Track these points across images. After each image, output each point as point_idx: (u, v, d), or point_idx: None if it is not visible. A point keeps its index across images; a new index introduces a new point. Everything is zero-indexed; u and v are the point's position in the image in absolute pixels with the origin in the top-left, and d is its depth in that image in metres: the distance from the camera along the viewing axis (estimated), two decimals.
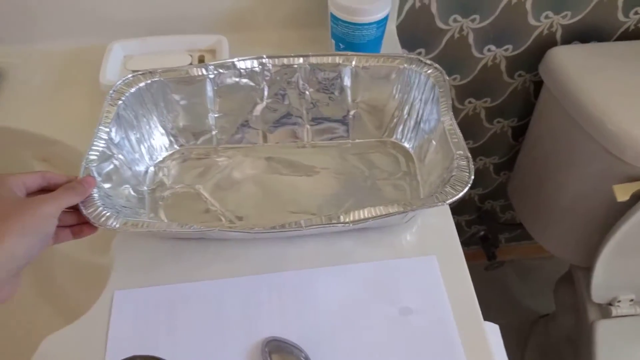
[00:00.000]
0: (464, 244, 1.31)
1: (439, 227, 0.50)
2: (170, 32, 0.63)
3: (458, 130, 0.46)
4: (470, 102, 0.88)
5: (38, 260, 0.59)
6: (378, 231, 0.49)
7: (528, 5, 0.72)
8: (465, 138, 0.98)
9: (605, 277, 0.85)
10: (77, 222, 0.43)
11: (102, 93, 0.49)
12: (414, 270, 0.46)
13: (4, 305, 0.57)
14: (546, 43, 0.78)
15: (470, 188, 1.09)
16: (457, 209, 1.17)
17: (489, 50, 0.79)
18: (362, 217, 0.41)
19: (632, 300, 0.87)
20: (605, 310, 0.90)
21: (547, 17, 0.74)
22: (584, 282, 0.93)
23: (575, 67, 0.75)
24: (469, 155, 0.44)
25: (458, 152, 0.45)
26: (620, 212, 0.75)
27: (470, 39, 0.76)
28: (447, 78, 0.50)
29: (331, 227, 0.41)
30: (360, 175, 0.53)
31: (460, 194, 0.42)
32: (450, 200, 0.42)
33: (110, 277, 0.47)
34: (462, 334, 0.44)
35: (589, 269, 0.85)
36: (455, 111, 0.89)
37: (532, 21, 0.75)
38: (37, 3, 0.62)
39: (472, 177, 0.43)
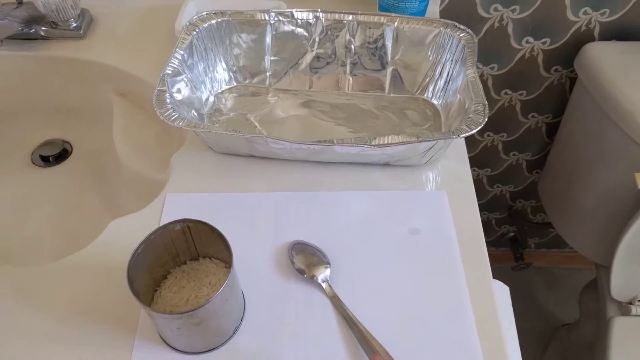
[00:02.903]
0: (493, 244, 1.34)
1: (456, 171, 0.55)
2: None
3: (479, 82, 0.52)
4: (506, 94, 0.93)
5: (106, 178, 0.69)
6: (402, 169, 0.55)
7: (567, 1, 0.77)
8: (500, 130, 1.04)
9: (625, 273, 0.87)
10: None
11: (176, 40, 0.58)
12: (425, 200, 0.53)
13: (77, 215, 0.67)
14: (584, 39, 0.83)
15: (502, 184, 1.14)
16: (488, 205, 1.21)
17: (527, 42, 0.84)
18: (385, 142, 0.48)
19: None
20: (625, 309, 0.91)
21: (585, 13, 0.79)
22: (605, 280, 0.94)
23: (609, 62, 0.79)
24: (486, 103, 0.50)
25: (477, 100, 0.51)
26: None
27: (510, 29, 0.82)
28: (476, 41, 0.56)
29: (358, 147, 0.48)
30: (391, 123, 0.60)
31: (472, 132, 0.48)
32: (463, 135, 0.48)
33: (167, 183, 0.55)
34: (465, 260, 0.49)
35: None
36: (492, 101, 0.94)
37: (570, 16, 0.80)
38: None
39: (486, 119, 0.49)
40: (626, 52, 0.80)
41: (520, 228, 1.26)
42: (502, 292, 0.57)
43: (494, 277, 0.50)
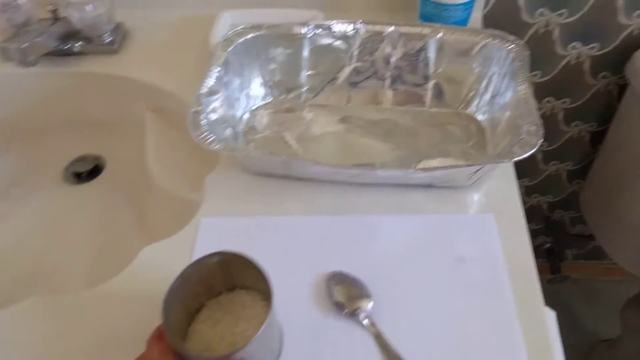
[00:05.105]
0: None
1: (504, 192, 0.52)
2: (273, 6, 0.70)
3: (532, 99, 0.49)
4: (548, 102, 0.89)
5: (138, 195, 0.68)
6: (446, 190, 0.52)
7: (619, 3, 0.72)
8: None
9: None
10: None
11: (211, 54, 0.57)
12: (471, 224, 0.49)
13: (109, 235, 0.65)
14: (636, 44, 0.78)
15: (540, 194, 1.09)
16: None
17: (573, 48, 0.79)
18: (431, 166, 0.45)
19: None
20: None
21: (639, 16, 0.74)
22: None
23: None
24: (540, 121, 0.47)
25: (530, 118, 0.47)
26: None
27: (555, 35, 0.78)
28: (528, 52, 0.52)
29: (401, 172, 0.45)
30: (432, 140, 0.57)
31: (526, 155, 0.44)
32: (515, 159, 0.44)
33: (201, 206, 0.53)
34: (515, 288, 0.46)
35: None
36: None
37: (622, 20, 0.75)
38: None
39: (541, 140, 0.45)
40: None
41: (558, 239, 1.21)
42: (549, 319, 0.54)
43: None
